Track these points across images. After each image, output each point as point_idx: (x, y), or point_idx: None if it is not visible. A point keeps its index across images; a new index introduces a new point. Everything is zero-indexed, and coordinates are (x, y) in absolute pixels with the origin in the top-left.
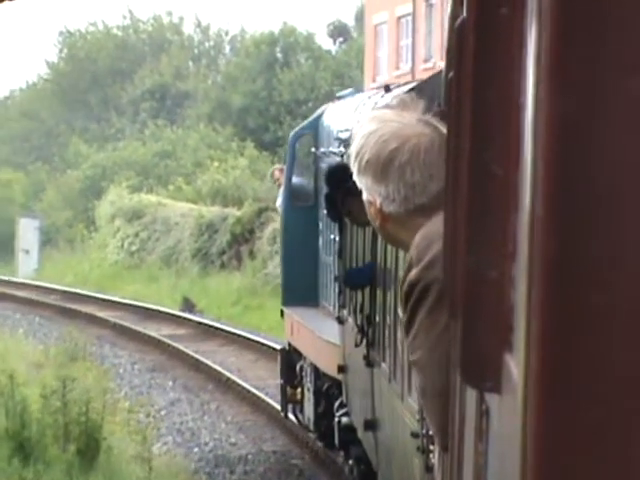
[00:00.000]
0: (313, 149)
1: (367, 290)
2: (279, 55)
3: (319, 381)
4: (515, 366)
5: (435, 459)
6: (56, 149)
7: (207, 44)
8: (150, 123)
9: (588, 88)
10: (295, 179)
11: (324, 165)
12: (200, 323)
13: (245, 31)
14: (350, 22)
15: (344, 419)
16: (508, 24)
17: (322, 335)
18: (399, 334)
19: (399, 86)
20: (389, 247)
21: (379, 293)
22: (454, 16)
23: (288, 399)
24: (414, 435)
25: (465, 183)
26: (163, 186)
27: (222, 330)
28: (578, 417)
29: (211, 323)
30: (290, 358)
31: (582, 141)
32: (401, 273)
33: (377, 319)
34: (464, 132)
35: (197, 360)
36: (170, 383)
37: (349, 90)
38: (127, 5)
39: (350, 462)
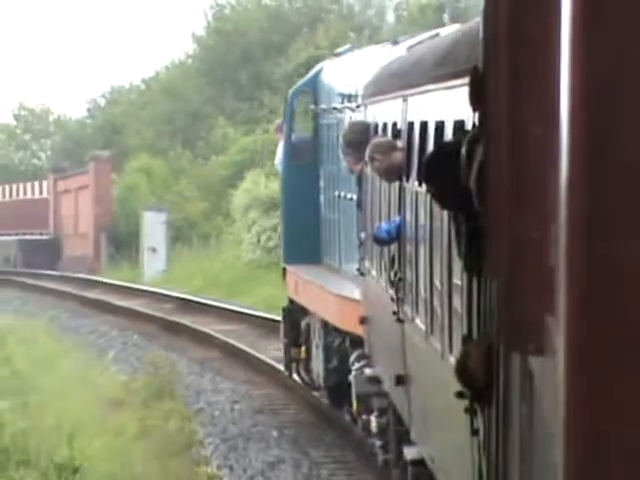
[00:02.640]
0: (312, 106)
1: (395, 245)
2: (447, 22)
3: (329, 337)
4: (556, 330)
5: (480, 422)
6: (202, 132)
7: (369, 12)
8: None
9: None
10: (294, 137)
11: (324, 121)
12: None
13: None
14: None
15: (367, 370)
16: None
17: (333, 290)
18: (437, 291)
19: (407, 39)
20: (419, 201)
21: (409, 249)
22: None
23: (292, 358)
24: (459, 395)
25: (503, 141)
26: None
27: None
28: (624, 377)
29: None
30: (293, 316)
31: (617, 108)
32: (434, 226)
33: (408, 275)
34: (501, 89)
35: (318, 399)
36: (275, 433)
37: (347, 46)
38: None
39: (365, 417)
